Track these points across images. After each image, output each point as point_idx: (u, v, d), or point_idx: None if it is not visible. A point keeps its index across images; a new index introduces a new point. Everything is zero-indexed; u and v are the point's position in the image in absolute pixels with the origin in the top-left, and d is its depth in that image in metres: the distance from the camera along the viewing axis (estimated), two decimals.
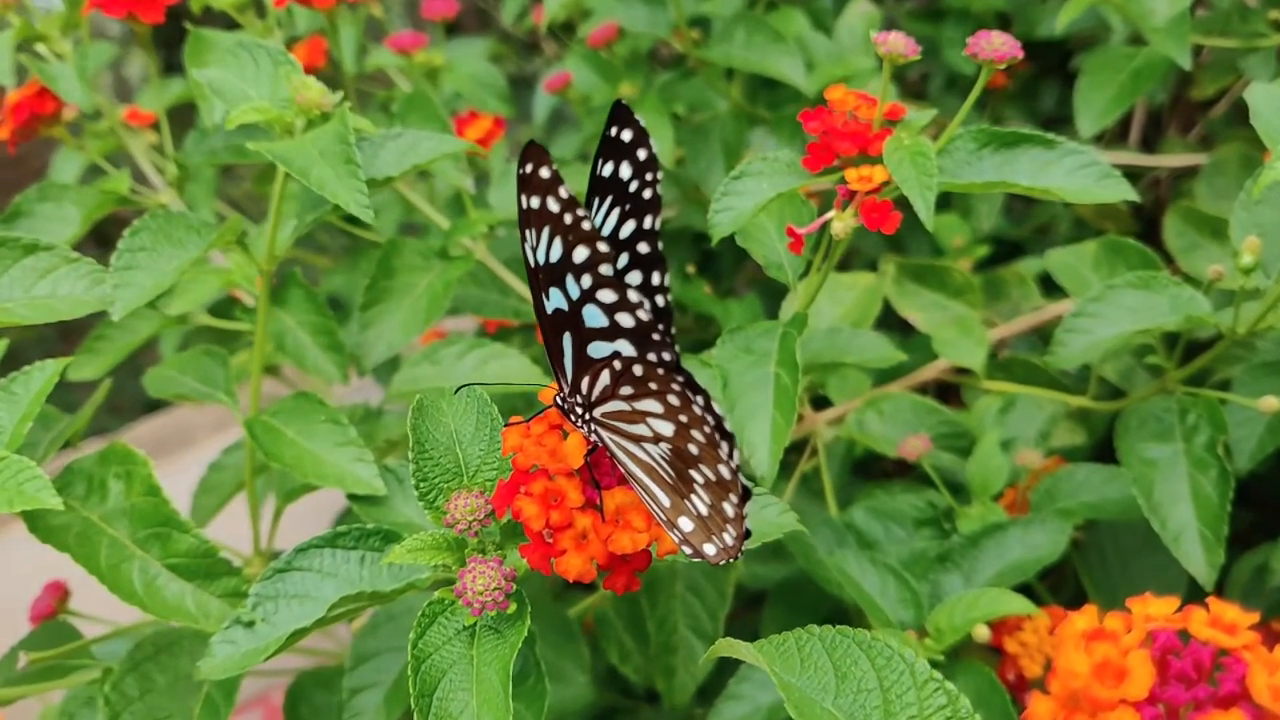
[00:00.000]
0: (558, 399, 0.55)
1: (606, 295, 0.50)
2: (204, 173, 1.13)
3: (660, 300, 0.55)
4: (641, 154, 0.53)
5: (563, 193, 0.48)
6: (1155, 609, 0.42)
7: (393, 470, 0.69)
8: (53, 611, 0.82)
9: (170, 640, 0.69)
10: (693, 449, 0.50)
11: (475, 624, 0.53)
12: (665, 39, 1.20)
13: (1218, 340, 0.78)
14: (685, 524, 0.52)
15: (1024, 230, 1.38)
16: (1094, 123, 0.99)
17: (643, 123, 0.53)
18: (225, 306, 0.99)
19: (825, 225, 0.68)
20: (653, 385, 0.50)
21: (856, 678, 0.46)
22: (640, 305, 0.50)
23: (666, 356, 0.52)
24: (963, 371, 0.99)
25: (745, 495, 0.52)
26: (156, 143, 1.03)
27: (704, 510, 0.51)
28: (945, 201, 1.26)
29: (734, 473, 0.51)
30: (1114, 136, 1.39)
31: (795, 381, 0.68)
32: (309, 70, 1.05)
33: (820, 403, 1.03)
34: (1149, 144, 1.38)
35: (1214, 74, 1.17)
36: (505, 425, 0.55)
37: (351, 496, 0.68)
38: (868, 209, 0.66)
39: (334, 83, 1.07)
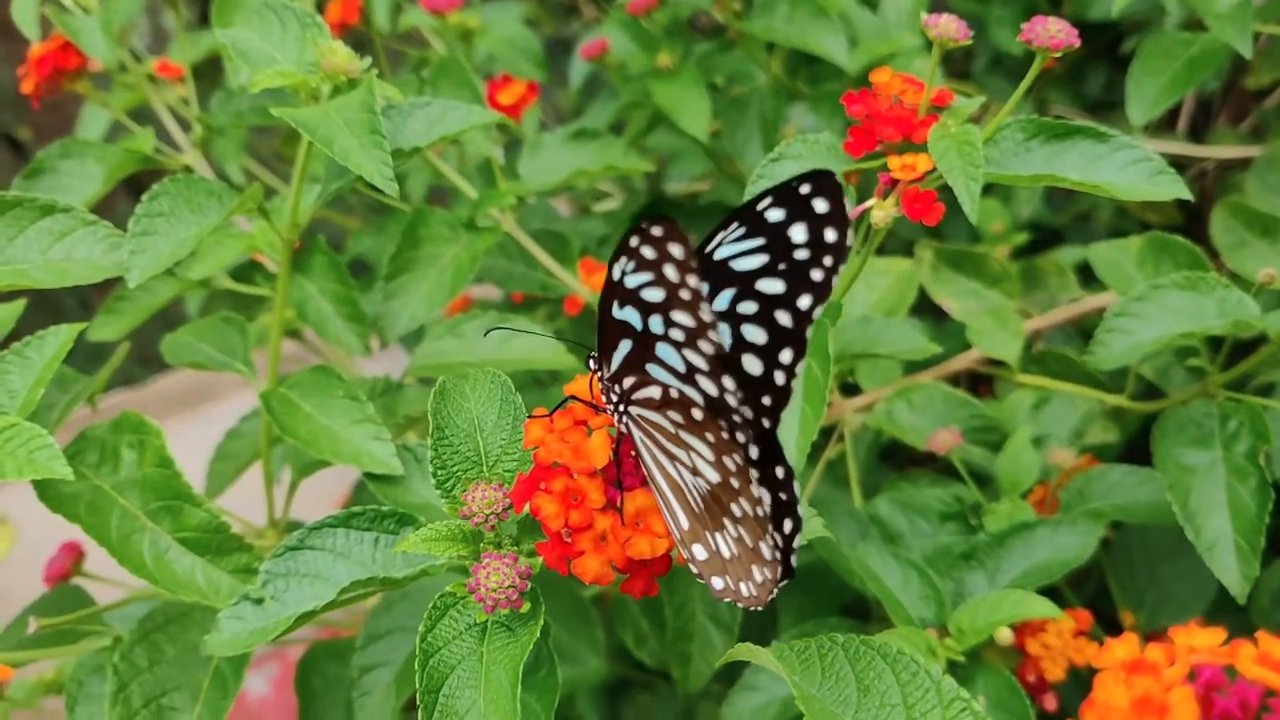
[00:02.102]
0: (590, 361, 0.52)
1: (696, 359, 0.47)
2: (233, 130, 1.11)
3: (780, 378, 0.50)
4: (830, 235, 0.48)
5: (691, 281, 0.44)
6: (1200, 640, 0.40)
7: (411, 450, 0.68)
8: (67, 573, 0.81)
9: (180, 611, 0.69)
10: (735, 509, 0.48)
11: (487, 620, 0.51)
12: (706, 9, 1.17)
13: (1263, 343, 0.76)
14: (699, 552, 0.50)
15: (1064, 217, 1.35)
16: (1145, 111, 0.96)
17: (849, 208, 0.48)
18: (248, 270, 0.97)
19: (864, 212, 0.66)
20: (709, 437, 0.47)
21: (880, 692, 0.45)
22: (732, 393, 0.47)
23: (740, 437, 0.48)
24: (996, 363, 0.97)
25: (785, 574, 0.51)
26: (185, 96, 1.01)
27: (725, 553, 0.49)
28: (987, 186, 1.23)
29: (773, 551, 0.49)
30: (1161, 124, 1.35)
31: (826, 373, 0.66)
32: (342, 27, 1.03)
33: (849, 389, 1.01)
34: (1197, 133, 1.34)
35: (1270, 63, 1.13)
36: (529, 415, 0.54)
37: (368, 475, 0.67)
38: (910, 199, 0.64)
39: (367, 42, 1.05)
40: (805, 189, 0.48)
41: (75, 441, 0.67)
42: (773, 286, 0.49)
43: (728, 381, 0.46)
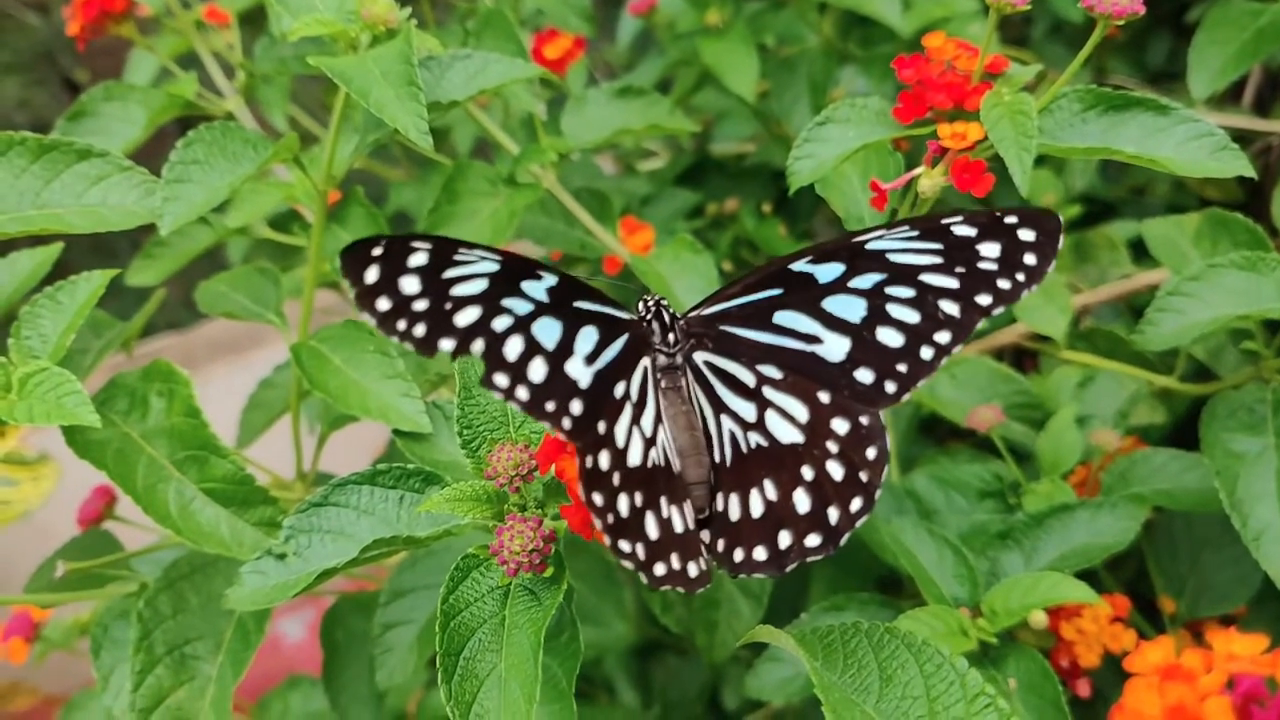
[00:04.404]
0: None
1: None
2: (279, 77, 1.11)
3: (927, 353, 0.53)
4: (1030, 259, 0.52)
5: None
6: (1239, 647, 0.38)
7: (440, 407, 0.67)
8: (99, 516, 0.82)
9: (206, 560, 0.69)
10: None
11: (510, 584, 0.51)
12: None
13: None
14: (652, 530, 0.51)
15: (1119, 190, 1.32)
16: (1208, 84, 0.93)
17: (1059, 244, 0.52)
18: (288, 220, 0.97)
19: (911, 180, 0.65)
20: None
21: (902, 682, 0.44)
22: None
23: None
24: (1042, 338, 0.95)
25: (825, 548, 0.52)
26: (230, 41, 1.00)
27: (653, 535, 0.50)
28: (1039, 157, 1.20)
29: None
30: (1226, 96, 1.31)
31: None
32: None
33: None
34: (1263, 106, 1.30)
35: None
36: None
37: (396, 431, 0.66)
38: (959, 168, 0.62)
39: None
40: (1011, 220, 0.52)
41: (105, 388, 0.66)
42: (942, 281, 0.53)
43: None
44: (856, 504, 0.52)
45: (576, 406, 0.50)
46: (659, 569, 0.50)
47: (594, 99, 0.93)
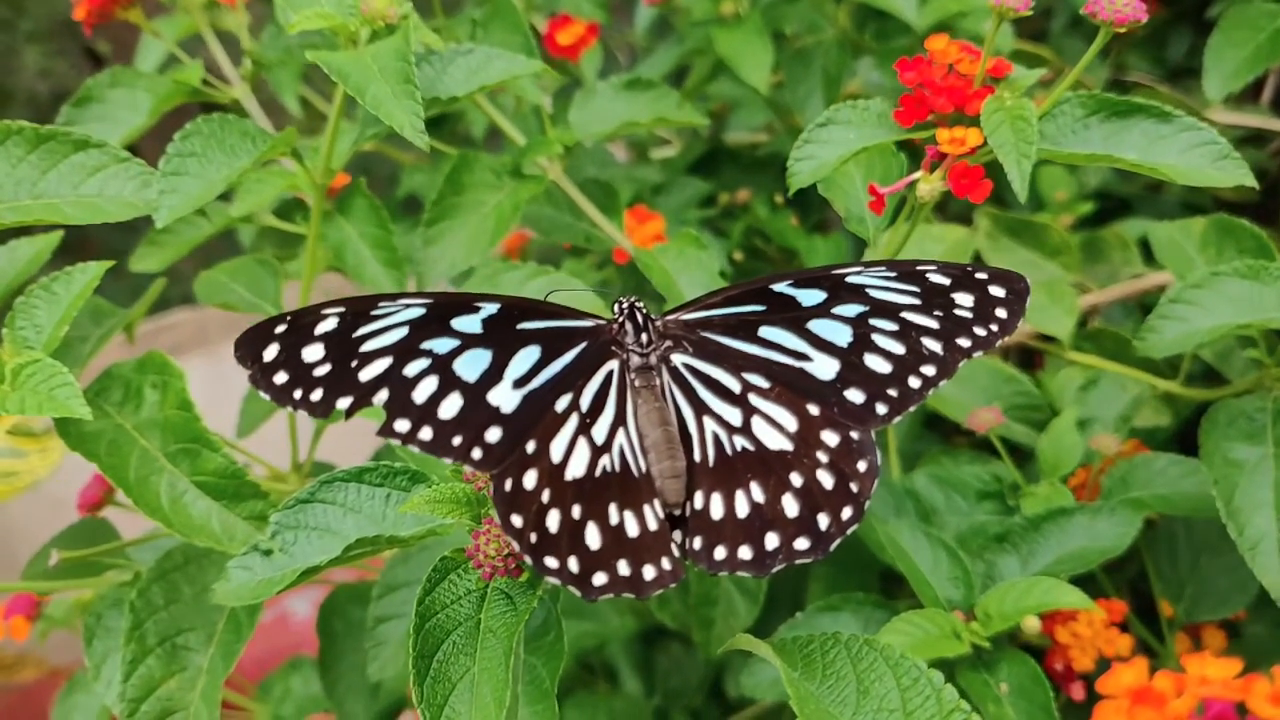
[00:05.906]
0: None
1: None
2: (290, 61, 1.11)
3: (915, 383, 0.54)
4: (1001, 313, 0.54)
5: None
6: (1213, 671, 0.38)
7: None
8: (99, 502, 0.82)
9: (199, 552, 0.69)
10: None
11: (486, 588, 0.51)
12: None
13: None
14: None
15: (1133, 187, 1.30)
16: (1223, 85, 0.92)
17: (1025, 306, 0.54)
18: (293, 208, 0.97)
19: (911, 184, 0.64)
20: None
21: (879, 695, 0.43)
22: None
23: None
24: (1049, 338, 0.94)
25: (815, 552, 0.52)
26: (240, 23, 1.00)
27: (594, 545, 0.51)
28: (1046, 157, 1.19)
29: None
30: (1244, 94, 1.29)
31: None
32: None
33: None
34: None
35: None
36: None
37: None
38: (957, 174, 0.61)
39: None
40: (982, 276, 0.54)
41: (100, 379, 0.67)
42: (923, 320, 0.54)
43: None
44: (847, 513, 0.52)
45: (494, 434, 0.51)
46: (598, 579, 0.50)
47: (602, 91, 0.93)
